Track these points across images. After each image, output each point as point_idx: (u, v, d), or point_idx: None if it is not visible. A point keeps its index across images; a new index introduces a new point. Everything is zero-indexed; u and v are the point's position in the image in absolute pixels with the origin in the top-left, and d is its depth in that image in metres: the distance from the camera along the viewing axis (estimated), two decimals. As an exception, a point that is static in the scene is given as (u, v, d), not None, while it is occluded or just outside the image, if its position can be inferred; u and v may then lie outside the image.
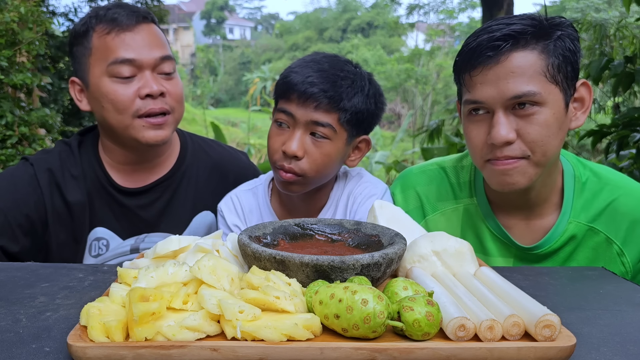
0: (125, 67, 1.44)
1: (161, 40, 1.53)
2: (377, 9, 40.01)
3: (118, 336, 0.75)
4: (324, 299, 0.79)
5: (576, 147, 5.58)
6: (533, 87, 1.17)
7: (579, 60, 1.22)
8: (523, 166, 1.23)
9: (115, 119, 1.47)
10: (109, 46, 1.45)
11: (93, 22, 1.47)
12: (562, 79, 1.20)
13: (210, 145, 1.76)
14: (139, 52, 1.45)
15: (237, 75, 36.85)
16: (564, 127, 1.24)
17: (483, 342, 0.76)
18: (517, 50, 1.19)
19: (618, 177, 1.38)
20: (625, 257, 1.33)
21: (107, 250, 1.57)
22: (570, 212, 1.34)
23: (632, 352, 0.81)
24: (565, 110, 1.22)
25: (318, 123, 1.35)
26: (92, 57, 1.47)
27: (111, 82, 1.45)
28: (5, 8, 3.84)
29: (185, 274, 0.87)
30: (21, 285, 1.07)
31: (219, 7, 48.41)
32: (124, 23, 1.46)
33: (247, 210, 1.54)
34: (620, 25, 5.08)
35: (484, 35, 1.22)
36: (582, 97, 1.26)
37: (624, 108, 5.12)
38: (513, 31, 1.18)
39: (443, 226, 1.46)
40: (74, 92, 1.54)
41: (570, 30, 1.22)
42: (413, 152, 11.15)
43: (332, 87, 1.33)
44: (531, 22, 1.20)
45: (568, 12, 17.64)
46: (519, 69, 1.18)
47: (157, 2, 8.02)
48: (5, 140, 3.86)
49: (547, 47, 1.19)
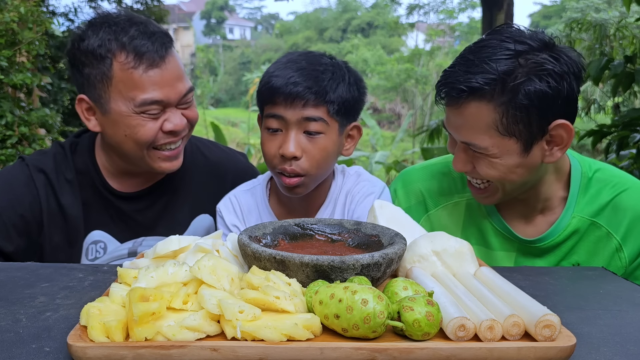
0: (155, 106, 1.41)
1: (182, 69, 1.48)
2: (377, 9, 40.01)
3: (118, 336, 0.75)
4: (324, 299, 0.79)
5: (576, 147, 5.58)
6: (480, 142, 1.22)
7: (559, 97, 1.17)
8: (489, 191, 1.32)
9: (132, 149, 1.46)
10: (136, 83, 1.38)
11: (113, 47, 1.38)
12: (523, 128, 1.19)
13: (208, 147, 1.75)
14: (168, 93, 1.41)
15: (237, 75, 36.85)
16: (526, 165, 1.25)
17: (483, 342, 0.76)
18: (474, 101, 1.20)
19: (622, 174, 1.40)
20: (623, 252, 1.34)
21: (104, 253, 1.56)
22: (575, 207, 1.35)
23: (632, 352, 0.81)
24: (525, 154, 1.23)
25: (310, 119, 1.36)
26: (112, 86, 1.39)
27: (138, 117, 1.40)
28: (5, 8, 3.84)
29: (185, 274, 0.87)
30: (21, 285, 1.07)
31: (219, 7, 48.40)
32: (151, 58, 1.38)
33: (246, 210, 1.55)
34: (620, 25, 5.09)
35: (451, 77, 1.23)
36: (559, 137, 1.22)
37: (624, 108, 5.12)
38: (469, 87, 1.19)
39: (446, 220, 1.47)
40: (81, 111, 1.47)
41: (552, 66, 1.16)
42: (413, 152, 11.16)
43: (315, 82, 1.35)
44: (490, 79, 1.17)
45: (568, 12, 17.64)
46: (472, 120, 1.22)
47: (157, 2, 8.02)
48: (5, 140, 3.86)
49: (504, 100, 1.17)
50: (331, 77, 1.38)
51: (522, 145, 1.21)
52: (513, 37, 1.20)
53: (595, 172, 1.37)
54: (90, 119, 1.47)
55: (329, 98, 1.36)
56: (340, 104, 1.38)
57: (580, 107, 6.19)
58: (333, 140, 1.41)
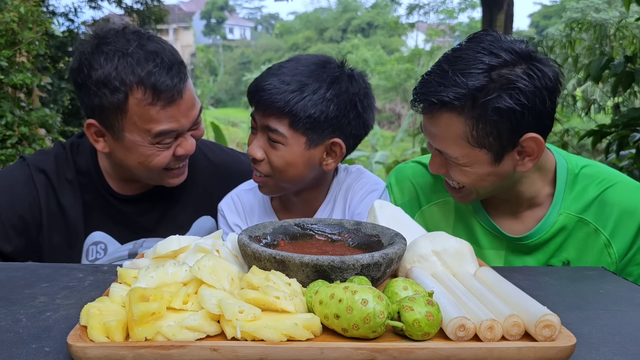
0: (170, 137, 1.41)
1: (194, 95, 1.46)
2: (377, 9, 40.02)
3: (118, 336, 0.75)
4: (324, 299, 0.79)
5: (576, 147, 5.58)
6: (451, 152, 1.25)
7: (530, 113, 1.17)
8: (464, 192, 1.34)
9: (143, 173, 1.47)
10: (153, 118, 1.36)
11: (129, 81, 1.33)
12: (493, 141, 1.21)
13: (211, 149, 1.75)
14: (183, 123, 1.41)
15: (237, 75, 36.84)
16: (498, 173, 1.26)
17: (483, 342, 0.76)
18: (446, 112, 1.21)
19: (609, 170, 1.40)
20: (612, 248, 1.34)
21: (104, 254, 1.56)
22: (562, 204, 1.36)
23: (632, 352, 0.81)
24: (496, 164, 1.24)
25: (269, 128, 1.37)
26: (127, 118, 1.36)
27: (153, 147, 1.40)
28: (5, 8, 3.84)
29: (185, 274, 0.87)
30: (21, 285, 1.07)
31: (219, 7, 48.40)
32: (169, 95, 1.35)
33: (248, 209, 1.55)
34: (620, 25, 5.08)
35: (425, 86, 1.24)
36: (531, 150, 1.23)
37: (624, 108, 5.12)
38: (440, 100, 1.19)
39: (437, 217, 1.49)
40: (90, 134, 1.44)
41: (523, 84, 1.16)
42: (413, 152, 11.15)
43: (279, 92, 1.33)
44: (460, 94, 1.17)
45: (568, 12, 17.64)
46: (443, 131, 1.24)
47: (157, 2, 8.03)
48: (5, 140, 3.86)
49: (474, 114, 1.18)
50: (299, 88, 1.33)
51: (492, 156, 1.23)
52: (489, 48, 1.19)
53: (581, 169, 1.38)
54: (99, 141, 1.45)
55: (291, 110, 1.33)
56: (306, 118, 1.34)
57: (580, 107, 6.19)
58: (295, 153, 1.38)
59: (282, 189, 1.47)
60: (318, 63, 1.40)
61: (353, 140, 1.44)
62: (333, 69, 1.39)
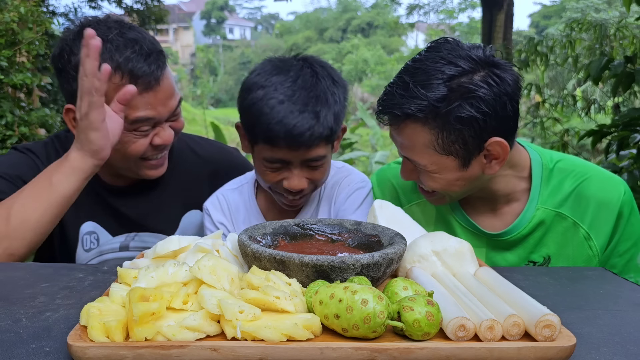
0: (146, 124, 1.41)
1: (174, 84, 1.46)
2: (377, 9, 40.02)
3: (118, 336, 0.75)
4: (324, 299, 0.79)
5: (576, 147, 5.58)
6: (419, 160, 1.27)
7: (492, 119, 1.19)
8: (436, 196, 1.37)
9: (120, 161, 1.47)
10: (130, 104, 1.36)
11: (108, 64, 1.32)
12: (459, 147, 1.23)
13: (199, 143, 1.75)
14: (160, 111, 1.41)
15: (237, 75, 36.84)
16: (467, 177, 1.28)
17: (483, 342, 0.76)
18: (410, 123, 1.24)
19: (583, 163, 1.41)
20: (592, 240, 1.35)
21: (98, 244, 1.57)
22: (538, 199, 1.37)
23: (632, 352, 0.81)
24: (464, 169, 1.27)
25: (313, 159, 1.36)
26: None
27: (129, 134, 1.40)
28: (5, 8, 3.83)
29: (185, 274, 0.87)
30: (21, 285, 1.07)
31: (219, 7, 48.41)
32: (147, 81, 1.37)
33: (234, 208, 1.56)
34: (620, 25, 5.08)
35: (388, 99, 1.25)
36: (497, 154, 1.25)
37: (624, 108, 5.12)
38: (403, 113, 1.22)
39: (418, 217, 1.50)
40: (68, 119, 1.44)
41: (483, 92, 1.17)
42: (413, 152, 11.12)
43: (317, 124, 1.30)
44: (422, 105, 1.19)
45: (568, 12, 17.64)
46: (409, 141, 1.26)
47: (157, 2, 8.03)
48: (5, 140, 3.85)
49: (438, 124, 1.21)
50: (329, 108, 1.32)
51: (460, 162, 1.25)
52: (447, 57, 1.20)
53: (556, 163, 1.39)
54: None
55: (329, 133, 1.34)
56: (334, 131, 1.36)
57: (580, 107, 6.18)
58: (329, 160, 1.43)
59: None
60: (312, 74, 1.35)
61: None
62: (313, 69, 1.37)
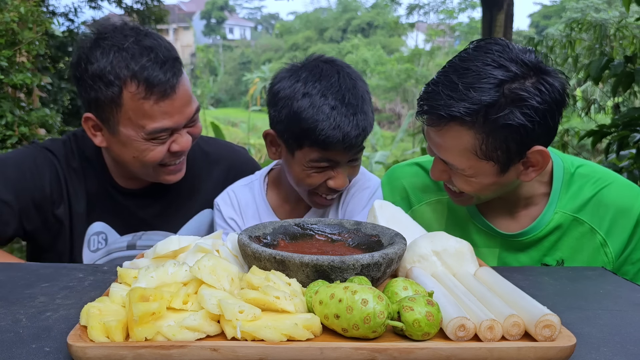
0: (165, 133, 1.41)
1: (190, 92, 1.46)
2: (377, 9, 40.03)
3: (118, 336, 0.75)
4: (324, 299, 0.79)
5: (576, 147, 5.58)
6: (457, 164, 1.24)
7: (539, 127, 1.17)
8: (463, 198, 1.35)
9: (139, 168, 1.47)
10: (147, 113, 1.36)
11: (123, 75, 1.35)
12: (501, 154, 1.20)
13: (208, 142, 1.76)
14: (178, 119, 1.41)
15: (237, 75, 36.86)
16: (502, 182, 1.27)
17: (483, 342, 0.76)
18: (455, 125, 1.19)
19: (604, 170, 1.41)
20: (608, 247, 1.35)
21: (105, 244, 1.57)
22: (557, 203, 1.37)
23: (632, 352, 0.81)
24: (501, 175, 1.24)
25: (356, 158, 1.45)
26: (122, 113, 1.38)
27: (147, 143, 1.40)
28: (5, 8, 3.83)
29: (185, 274, 0.87)
30: (21, 285, 1.07)
31: (219, 7, 48.41)
32: (162, 90, 1.36)
33: (244, 204, 1.58)
34: (620, 25, 5.08)
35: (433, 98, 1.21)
36: (536, 162, 1.23)
37: (624, 108, 5.12)
38: (450, 115, 1.17)
39: (429, 216, 1.49)
40: (87, 127, 1.45)
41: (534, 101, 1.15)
42: (413, 152, 11.15)
43: (364, 128, 1.37)
44: (472, 109, 1.15)
45: (568, 12, 17.64)
46: (450, 143, 1.22)
47: (157, 2, 8.02)
48: (5, 140, 3.85)
49: (485, 129, 1.17)
50: (368, 107, 1.40)
51: (499, 168, 1.23)
52: (498, 60, 1.17)
53: (577, 168, 1.39)
54: (97, 135, 1.46)
55: (368, 132, 1.41)
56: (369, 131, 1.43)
57: (580, 107, 6.18)
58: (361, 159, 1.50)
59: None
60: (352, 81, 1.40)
61: None
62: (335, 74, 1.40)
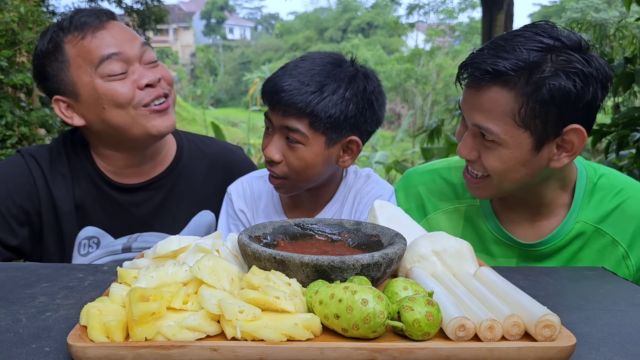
0: (115, 63, 1.43)
1: (133, 32, 1.53)
2: (377, 9, 40.01)
3: (118, 336, 0.75)
4: (324, 299, 0.79)
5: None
6: (494, 127, 1.19)
7: (581, 99, 1.14)
8: (484, 183, 1.29)
9: (120, 116, 1.45)
10: (89, 49, 1.43)
11: (60, 35, 1.45)
12: (539, 124, 1.17)
13: (205, 142, 1.76)
14: (121, 46, 1.45)
15: (237, 75, 36.86)
16: (532, 164, 1.22)
17: (483, 342, 0.76)
18: (496, 85, 1.17)
19: (627, 180, 1.38)
20: (630, 260, 1.33)
21: (97, 248, 1.56)
22: (579, 212, 1.34)
23: (632, 352, 0.81)
24: (535, 152, 1.20)
25: (289, 128, 1.36)
26: (72, 67, 1.44)
27: (105, 81, 1.43)
28: (5, 8, 3.83)
29: (185, 274, 0.87)
30: (21, 285, 1.07)
31: (219, 7, 48.41)
32: (94, 24, 1.45)
33: (257, 195, 1.58)
34: (620, 25, 5.09)
35: (477, 57, 1.20)
36: (571, 142, 1.20)
37: (624, 108, 5.12)
38: (495, 69, 1.15)
39: (445, 225, 1.46)
40: (60, 111, 1.50)
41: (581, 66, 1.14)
42: (413, 152, 11.15)
43: (299, 92, 1.33)
44: (517, 66, 1.14)
45: (568, 12, 17.63)
46: (490, 104, 1.18)
47: (157, 2, 8.02)
48: (5, 140, 3.86)
49: (527, 91, 1.15)
50: (319, 89, 1.34)
51: (534, 141, 1.19)
52: (548, 32, 1.18)
53: (600, 178, 1.36)
54: (72, 116, 1.49)
55: (312, 111, 1.34)
56: (326, 118, 1.35)
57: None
58: (315, 152, 1.39)
59: (299, 188, 1.48)
60: (333, 62, 1.40)
61: (367, 137, 1.47)
62: (348, 68, 1.41)
